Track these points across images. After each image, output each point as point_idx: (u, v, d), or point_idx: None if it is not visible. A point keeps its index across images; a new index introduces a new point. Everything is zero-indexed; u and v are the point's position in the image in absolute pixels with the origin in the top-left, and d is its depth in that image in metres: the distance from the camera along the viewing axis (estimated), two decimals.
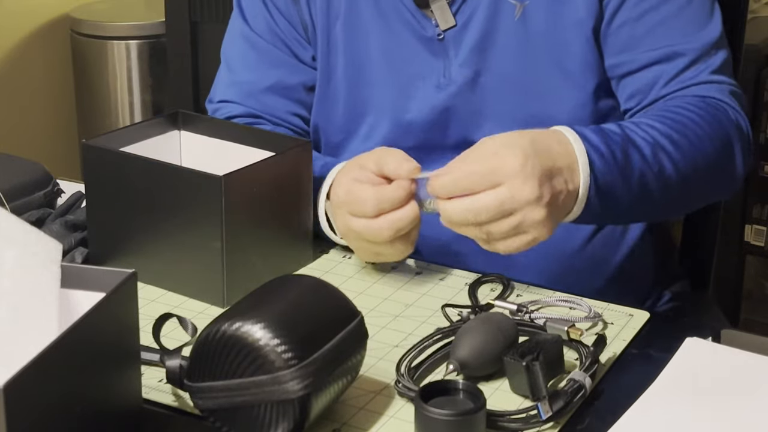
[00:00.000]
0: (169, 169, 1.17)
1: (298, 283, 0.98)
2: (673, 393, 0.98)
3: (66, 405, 0.81)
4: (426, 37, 1.33)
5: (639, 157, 1.17)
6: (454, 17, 1.32)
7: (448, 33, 1.33)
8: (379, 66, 1.36)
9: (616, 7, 1.29)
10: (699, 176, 1.24)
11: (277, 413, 0.89)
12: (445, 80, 1.33)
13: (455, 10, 1.32)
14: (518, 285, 1.20)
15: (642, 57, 1.30)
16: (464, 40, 1.32)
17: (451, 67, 1.33)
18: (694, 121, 1.23)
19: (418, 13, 1.33)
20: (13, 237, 0.89)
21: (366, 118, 1.38)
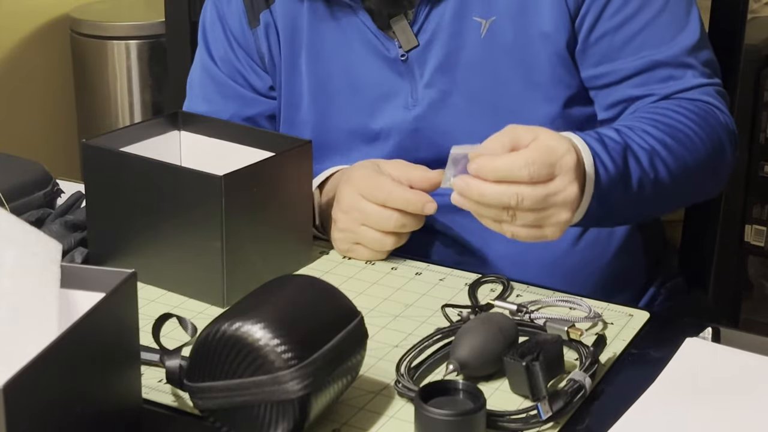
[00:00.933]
0: (169, 169, 1.17)
1: (298, 283, 0.98)
2: (673, 393, 0.98)
3: (66, 405, 0.81)
4: (390, 58, 1.33)
5: (636, 164, 1.18)
6: (416, 37, 1.31)
7: (411, 53, 1.32)
8: (346, 90, 1.36)
9: (594, 19, 1.28)
10: (691, 179, 1.26)
11: (277, 413, 0.89)
12: (412, 101, 1.33)
13: (417, 29, 1.31)
14: (518, 285, 1.20)
15: (622, 68, 1.29)
16: (428, 60, 1.31)
17: (417, 87, 1.33)
18: (687, 126, 1.24)
19: (381, 34, 1.32)
20: (13, 237, 0.89)
21: (336, 142, 1.37)
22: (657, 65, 1.29)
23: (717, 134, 1.27)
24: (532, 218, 1.07)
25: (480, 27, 1.29)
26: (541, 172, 1.05)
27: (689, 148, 1.23)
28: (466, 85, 1.31)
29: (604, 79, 1.31)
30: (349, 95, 1.36)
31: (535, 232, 1.09)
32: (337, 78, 1.36)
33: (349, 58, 1.35)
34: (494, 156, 1.05)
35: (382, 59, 1.33)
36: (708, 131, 1.26)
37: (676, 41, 1.29)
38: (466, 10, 1.29)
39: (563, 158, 1.07)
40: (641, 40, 1.29)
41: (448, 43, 1.30)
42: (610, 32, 1.29)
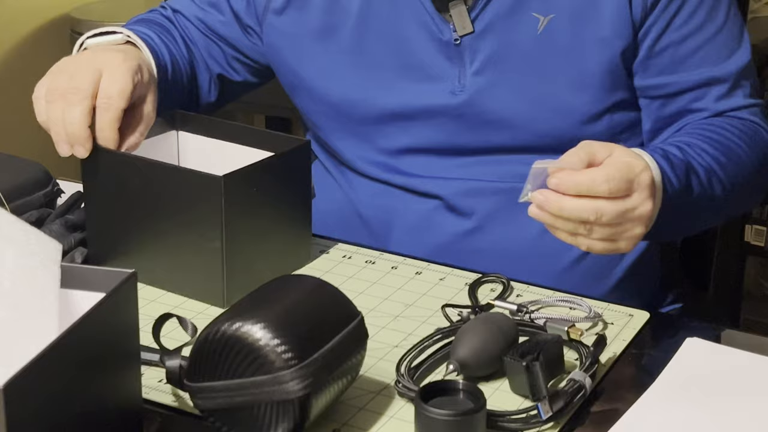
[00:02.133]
0: (169, 169, 1.17)
1: (298, 283, 0.98)
2: (673, 393, 0.98)
3: (66, 405, 0.81)
4: (443, 40, 1.32)
5: (697, 182, 1.22)
6: (473, 23, 1.31)
7: (464, 39, 1.32)
8: (393, 67, 1.35)
9: (661, 30, 1.29)
10: (740, 194, 1.30)
11: (277, 413, 0.89)
12: (459, 86, 1.33)
13: (474, 16, 1.31)
14: (518, 285, 1.20)
15: (682, 81, 1.31)
16: (481, 48, 1.31)
17: (466, 74, 1.32)
18: (738, 145, 1.28)
19: (437, 15, 1.32)
20: (13, 237, 0.89)
21: (372, 117, 1.37)
22: (714, 81, 1.31)
23: (763, 152, 1.32)
24: (608, 232, 1.09)
25: (538, 23, 1.30)
26: (621, 187, 1.07)
27: (740, 165, 1.28)
28: (515, 78, 1.31)
29: (662, 90, 1.32)
30: (395, 72, 1.35)
31: (609, 245, 1.10)
32: (384, 53, 1.35)
33: (400, 36, 1.34)
34: (575, 171, 1.06)
35: (434, 41, 1.33)
36: (756, 150, 1.30)
37: (732, 59, 1.32)
38: (526, 4, 1.30)
39: (641, 175, 1.09)
40: (702, 55, 1.31)
41: (503, 34, 1.31)
42: (675, 44, 1.30)
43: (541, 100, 1.31)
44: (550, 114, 1.31)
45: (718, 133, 1.28)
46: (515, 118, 1.32)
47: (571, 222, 1.07)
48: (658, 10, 1.29)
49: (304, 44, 1.39)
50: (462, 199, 1.35)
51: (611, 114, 1.33)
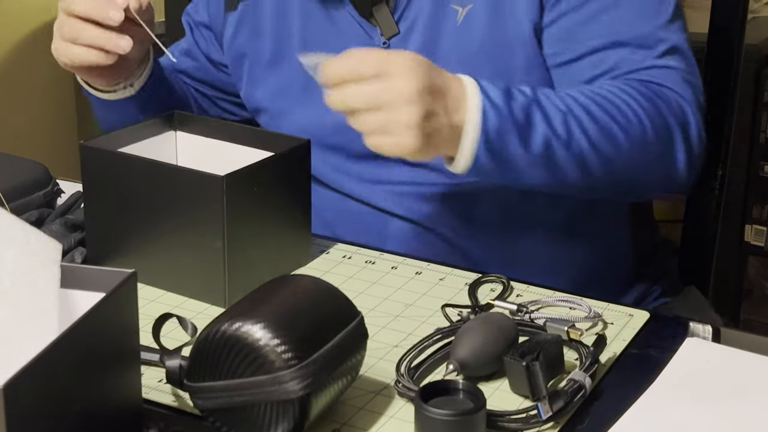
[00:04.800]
0: (169, 169, 1.17)
1: (298, 283, 0.98)
2: (673, 393, 0.98)
3: (66, 405, 0.81)
4: (373, 45, 1.34)
5: (543, 120, 1.15)
6: (397, 25, 1.32)
7: (392, 41, 1.33)
8: None
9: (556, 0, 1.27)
10: (624, 157, 1.20)
11: (277, 413, 0.89)
12: None
13: (398, 17, 1.32)
14: (518, 285, 1.20)
15: (582, 46, 1.27)
16: (408, 48, 1.31)
17: None
18: (624, 101, 1.20)
19: (364, 21, 1.34)
20: (13, 237, 0.89)
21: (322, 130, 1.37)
22: (617, 44, 1.26)
23: (662, 118, 1.22)
24: (371, 120, 1.06)
25: (457, 15, 1.30)
26: (362, 69, 1.06)
27: (621, 123, 1.19)
28: None
29: (562, 56, 1.29)
30: None
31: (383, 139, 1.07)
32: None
33: (337, 46, 1.35)
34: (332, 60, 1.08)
35: (366, 46, 1.34)
36: (650, 112, 1.21)
37: (642, 23, 1.26)
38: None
39: (398, 56, 1.07)
40: (605, 21, 1.26)
41: (426, 31, 1.31)
42: (572, 10, 1.27)
43: None
44: None
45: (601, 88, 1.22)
46: None
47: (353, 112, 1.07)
48: None
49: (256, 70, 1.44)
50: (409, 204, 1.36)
51: None
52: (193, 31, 1.53)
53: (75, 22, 1.25)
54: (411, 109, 1.05)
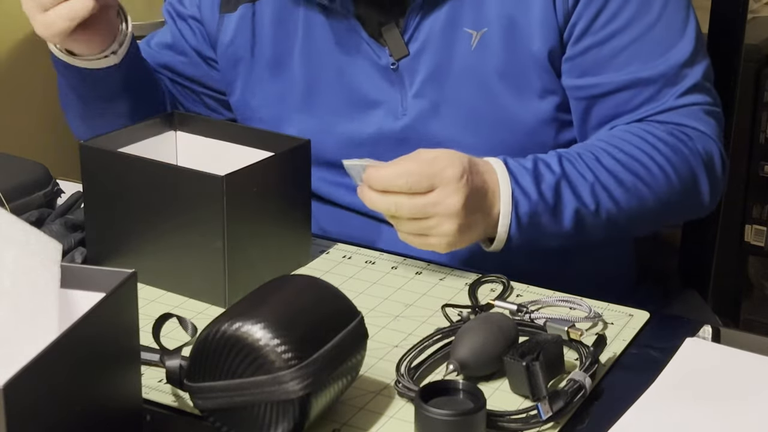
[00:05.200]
0: (169, 169, 1.17)
1: (298, 283, 0.98)
2: (673, 393, 0.98)
3: (66, 405, 0.81)
4: (380, 66, 1.33)
5: (572, 195, 1.20)
6: (407, 46, 1.31)
7: (401, 62, 1.32)
8: (337, 95, 1.36)
9: (582, 30, 1.27)
10: (650, 209, 1.25)
11: (277, 413, 0.89)
12: (402, 110, 1.33)
13: (408, 38, 1.31)
14: (518, 285, 1.20)
15: (605, 83, 1.28)
16: (418, 70, 1.31)
17: (407, 97, 1.32)
18: (649, 156, 1.24)
19: (372, 41, 1.32)
20: (13, 237, 0.89)
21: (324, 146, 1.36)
22: (640, 83, 1.27)
23: (687, 163, 1.26)
24: (414, 227, 1.13)
25: (471, 38, 1.29)
26: (420, 183, 1.11)
27: (646, 180, 1.23)
28: (456, 95, 1.31)
29: (586, 91, 1.29)
30: (340, 100, 1.36)
31: (421, 240, 1.15)
32: (329, 82, 1.36)
33: (341, 63, 1.35)
34: (379, 167, 1.12)
35: (373, 66, 1.33)
36: (675, 161, 1.25)
37: (663, 59, 1.27)
38: (458, 20, 1.29)
39: (444, 170, 1.11)
40: (629, 55, 1.27)
41: (438, 54, 1.30)
42: (597, 45, 1.27)
43: (485, 115, 1.30)
44: (495, 128, 1.31)
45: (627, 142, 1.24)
46: (460, 137, 1.31)
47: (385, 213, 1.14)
48: (579, 8, 1.26)
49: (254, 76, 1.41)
50: None
51: (555, 119, 1.31)
52: (177, 22, 1.48)
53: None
54: (453, 221, 1.13)
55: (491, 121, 1.30)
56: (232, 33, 1.41)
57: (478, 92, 1.30)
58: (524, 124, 1.30)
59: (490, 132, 1.31)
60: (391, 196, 1.11)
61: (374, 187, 1.12)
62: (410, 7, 1.30)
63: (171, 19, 1.50)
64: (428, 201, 1.11)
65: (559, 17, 1.27)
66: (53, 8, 1.23)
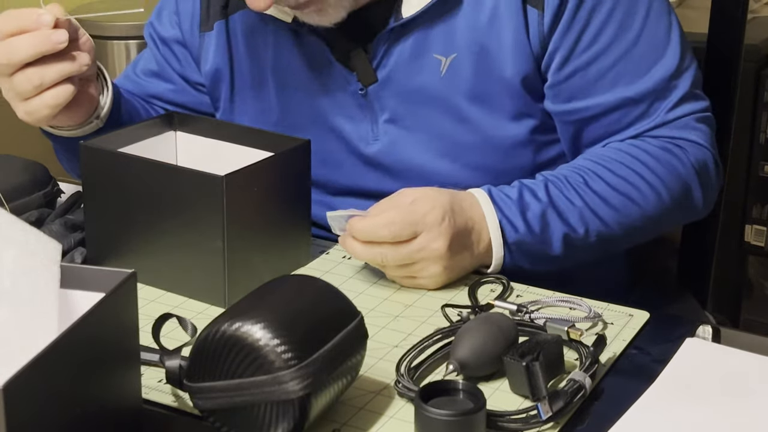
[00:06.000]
0: (169, 169, 1.17)
1: (298, 283, 0.98)
2: (673, 393, 0.98)
3: (66, 405, 0.81)
4: (349, 89, 1.32)
5: (560, 221, 1.21)
6: (375, 72, 1.30)
7: (370, 89, 1.31)
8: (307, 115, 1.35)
9: (564, 56, 1.26)
10: (643, 224, 1.26)
11: (277, 413, 0.89)
12: (372, 135, 1.33)
13: (376, 64, 1.30)
14: (518, 285, 1.20)
15: (594, 106, 1.27)
16: (388, 96, 1.30)
17: (378, 122, 1.32)
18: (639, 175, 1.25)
19: (340, 67, 1.31)
20: (13, 237, 0.89)
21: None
22: (630, 102, 1.27)
23: (679, 177, 1.27)
24: (402, 273, 1.16)
25: (440, 64, 1.28)
26: (403, 232, 1.13)
27: (636, 199, 1.25)
28: (428, 121, 1.30)
29: (575, 115, 1.29)
30: (311, 122, 1.35)
31: (411, 282, 1.18)
32: (300, 102, 1.36)
33: (311, 86, 1.34)
34: (362, 218, 1.14)
35: (345, 92, 1.32)
36: (667, 176, 1.26)
37: (649, 75, 1.26)
38: (427, 47, 1.28)
39: (426, 216, 1.14)
40: (614, 75, 1.26)
41: (407, 80, 1.29)
42: (582, 68, 1.26)
43: (457, 140, 1.30)
44: (471, 153, 1.30)
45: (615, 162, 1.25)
46: (437, 163, 1.31)
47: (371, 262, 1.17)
48: (557, 36, 1.25)
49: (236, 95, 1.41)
50: None
51: (531, 142, 1.31)
52: (160, 48, 1.46)
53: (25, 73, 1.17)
54: (438, 264, 1.15)
55: (466, 145, 1.30)
56: (213, 51, 1.40)
57: (451, 117, 1.29)
58: (500, 147, 1.30)
59: (467, 156, 1.31)
60: (376, 247, 1.14)
61: (358, 239, 1.15)
62: (379, 34, 1.29)
63: (153, 44, 1.47)
64: (412, 248, 1.14)
65: (533, 44, 1.26)
66: (36, 96, 1.19)
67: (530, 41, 1.26)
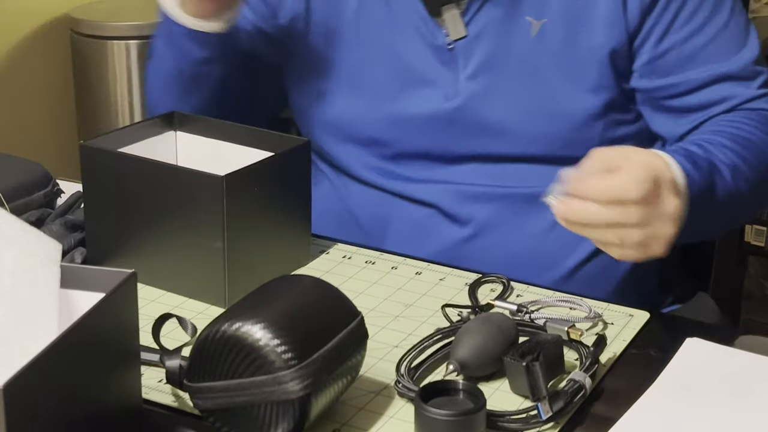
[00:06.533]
0: (169, 169, 1.17)
1: (298, 283, 0.98)
2: (673, 393, 0.98)
3: (66, 405, 0.81)
4: (436, 45, 1.32)
5: (721, 180, 1.19)
6: (466, 28, 1.31)
7: (458, 43, 1.31)
8: (384, 71, 1.35)
9: (663, 31, 1.29)
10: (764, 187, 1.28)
11: (277, 413, 0.89)
12: (453, 92, 1.33)
13: (467, 20, 1.31)
14: (518, 285, 1.20)
15: (691, 79, 1.30)
16: (474, 53, 1.31)
17: (459, 78, 1.32)
18: (759, 137, 1.26)
19: (430, 20, 1.32)
20: (13, 237, 0.89)
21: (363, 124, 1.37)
22: (725, 77, 1.30)
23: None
24: (640, 236, 1.05)
25: (531, 27, 1.29)
26: (651, 189, 1.03)
27: (762, 158, 1.26)
28: (510, 82, 1.31)
29: (672, 90, 1.31)
30: (386, 77, 1.35)
31: (642, 251, 1.06)
32: (377, 57, 1.36)
33: (393, 40, 1.34)
34: (601, 178, 1.03)
35: (427, 45, 1.33)
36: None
37: (740, 55, 1.31)
38: (520, 8, 1.30)
39: (664, 173, 1.06)
40: (709, 52, 1.30)
41: (497, 39, 1.30)
42: (679, 44, 1.30)
43: (536, 104, 1.31)
44: (545, 118, 1.31)
45: (736, 128, 1.27)
46: (509, 123, 1.32)
47: (600, 229, 1.04)
48: (656, 12, 1.28)
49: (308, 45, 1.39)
50: (459, 206, 1.34)
51: (605, 115, 1.32)
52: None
53: None
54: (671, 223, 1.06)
55: (540, 111, 1.31)
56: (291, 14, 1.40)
57: (532, 81, 1.31)
58: (573, 118, 1.31)
59: (537, 121, 1.32)
60: (618, 207, 1.03)
61: (599, 198, 1.02)
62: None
63: None
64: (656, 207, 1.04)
65: (630, 17, 1.28)
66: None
67: (627, 14, 1.28)
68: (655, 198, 1.04)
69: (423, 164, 1.36)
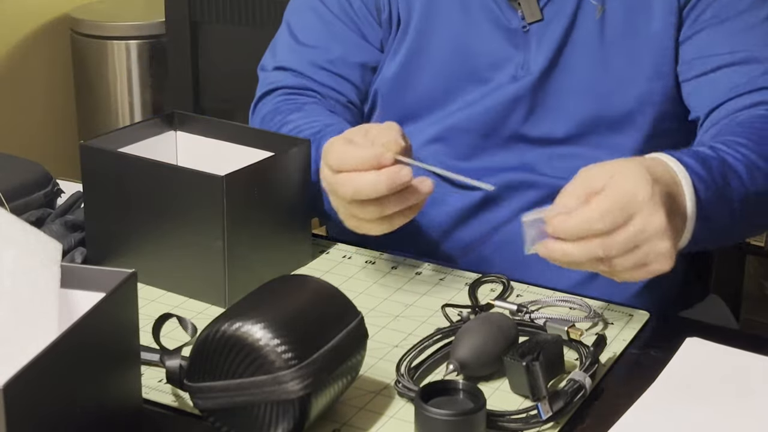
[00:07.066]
0: (169, 169, 1.17)
1: (297, 282, 0.98)
2: (673, 393, 0.98)
3: (66, 405, 0.81)
4: (510, 28, 1.34)
5: (737, 179, 1.16)
6: (541, 11, 1.33)
7: (533, 26, 1.34)
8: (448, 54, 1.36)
9: (699, 13, 1.30)
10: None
11: (277, 413, 0.89)
12: (522, 72, 1.34)
13: (543, 4, 1.33)
14: (518, 285, 1.20)
15: (718, 59, 1.30)
16: (547, 35, 1.33)
17: (530, 59, 1.34)
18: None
19: (504, 4, 1.34)
20: (13, 237, 0.89)
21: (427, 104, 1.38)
22: (751, 60, 1.30)
23: None
24: (630, 261, 1.02)
25: (595, 9, 1.32)
26: (617, 217, 1.00)
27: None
28: (573, 64, 1.33)
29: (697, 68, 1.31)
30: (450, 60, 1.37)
31: (641, 272, 1.04)
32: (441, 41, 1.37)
33: (461, 23, 1.36)
34: (567, 216, 1.01)
35: (500, 29, 1.34)
36: None
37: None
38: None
39: (637, 195, 1.02)
40: (742, 39, 1.30)
41: (567, 21, 1.33)
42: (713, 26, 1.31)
43: (596, 87, 1.33)
44: (594, 102, 1.33)
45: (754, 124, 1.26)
46: (570, 105, 1.33)
47: (588, 263, 1.02)
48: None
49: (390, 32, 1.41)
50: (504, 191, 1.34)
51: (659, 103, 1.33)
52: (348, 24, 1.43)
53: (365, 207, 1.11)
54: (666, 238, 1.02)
55: (595, 94, 1.33)
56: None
57: (594, 63, 1.33)
58: (624, 104, 1.32)
59: (590, 105, 1.33)
60: (594, 241, 1.00)
61: (568, 239, 1.01)
62: None
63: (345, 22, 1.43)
64: (634, 231, 1.01)
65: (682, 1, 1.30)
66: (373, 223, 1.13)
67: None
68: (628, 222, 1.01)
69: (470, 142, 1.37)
